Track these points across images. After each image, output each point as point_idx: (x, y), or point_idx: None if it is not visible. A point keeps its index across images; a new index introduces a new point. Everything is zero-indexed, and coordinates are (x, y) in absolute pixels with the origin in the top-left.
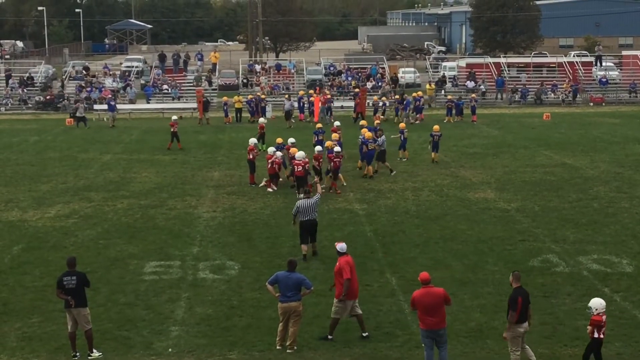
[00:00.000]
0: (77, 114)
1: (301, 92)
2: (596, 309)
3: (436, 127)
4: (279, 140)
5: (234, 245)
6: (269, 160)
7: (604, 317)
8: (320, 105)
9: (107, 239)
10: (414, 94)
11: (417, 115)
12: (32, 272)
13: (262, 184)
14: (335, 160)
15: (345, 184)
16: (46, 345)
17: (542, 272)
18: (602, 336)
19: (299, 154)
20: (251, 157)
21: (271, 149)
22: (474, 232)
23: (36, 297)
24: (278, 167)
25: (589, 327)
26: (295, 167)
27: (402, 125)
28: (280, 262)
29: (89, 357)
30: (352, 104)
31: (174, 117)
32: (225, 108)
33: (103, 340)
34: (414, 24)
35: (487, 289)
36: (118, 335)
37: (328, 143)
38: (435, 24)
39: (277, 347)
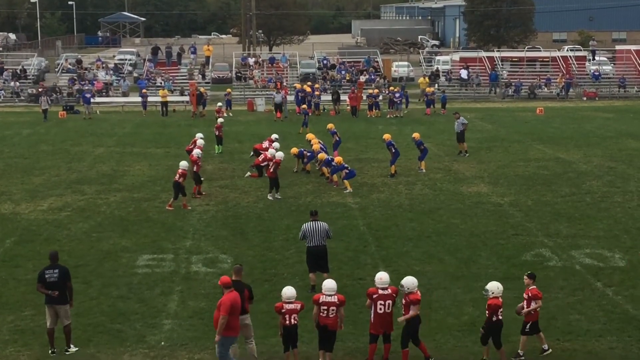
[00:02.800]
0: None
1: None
2: (492, 292)
3: (416, 134)
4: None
5: (226, 238)
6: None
7: (501, 300)
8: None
9: (99, 232)
10: (391, 88)
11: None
12: (24, 265)
13: (247, 175)
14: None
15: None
16: (39, 338)
17: (535, 266)
18: (500, 317)
19: (279, 154)
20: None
21: (275, 152)
22: (467, 226)
23: (29, 290)
24: (277, 166)
25: (487, 311)
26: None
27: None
28: (273, 255)
29: (67, 353)
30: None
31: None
32: (227, 99)
33: (95, 333)
34: (407, 17)
35: (480, 283)
36: (110, 329)
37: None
38: (429, 17)
39: None
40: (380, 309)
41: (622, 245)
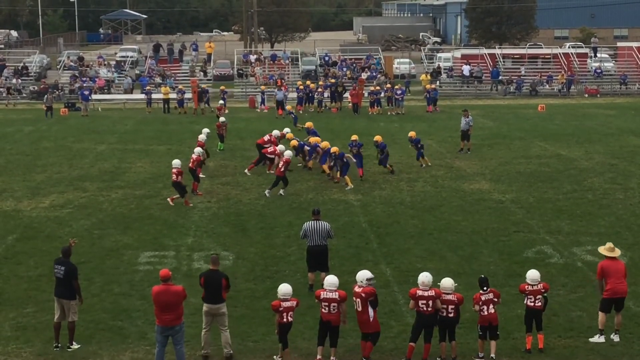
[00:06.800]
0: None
1: (262, 87)
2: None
3: (412, 133)
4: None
5: (228, 235)
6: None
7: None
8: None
9: (101, 229)
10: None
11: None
12: (26, 262)
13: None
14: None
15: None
16: (40, 335)
17: (537, 263)
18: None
19: (287, 153)
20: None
21: (287, 151)
22: (469, 223)
23: (30, 287)
24: (287, 165)
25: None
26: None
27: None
28: (274, 252)
29: (69, 349)
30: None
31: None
32: (223, 96)
33: (97, 330)
34: (409, 14)
35: None
36: (112, 326)
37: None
38: (431, 15)
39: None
40: (354, 305)
41: (624, 242)
